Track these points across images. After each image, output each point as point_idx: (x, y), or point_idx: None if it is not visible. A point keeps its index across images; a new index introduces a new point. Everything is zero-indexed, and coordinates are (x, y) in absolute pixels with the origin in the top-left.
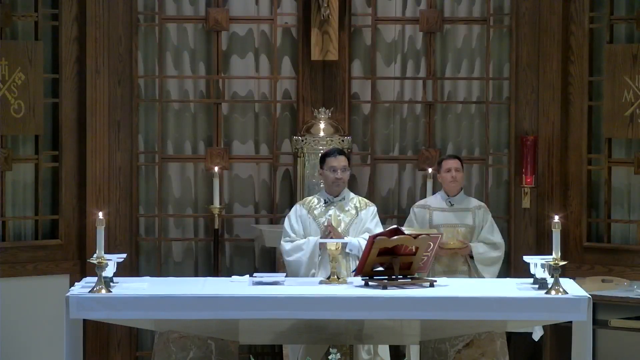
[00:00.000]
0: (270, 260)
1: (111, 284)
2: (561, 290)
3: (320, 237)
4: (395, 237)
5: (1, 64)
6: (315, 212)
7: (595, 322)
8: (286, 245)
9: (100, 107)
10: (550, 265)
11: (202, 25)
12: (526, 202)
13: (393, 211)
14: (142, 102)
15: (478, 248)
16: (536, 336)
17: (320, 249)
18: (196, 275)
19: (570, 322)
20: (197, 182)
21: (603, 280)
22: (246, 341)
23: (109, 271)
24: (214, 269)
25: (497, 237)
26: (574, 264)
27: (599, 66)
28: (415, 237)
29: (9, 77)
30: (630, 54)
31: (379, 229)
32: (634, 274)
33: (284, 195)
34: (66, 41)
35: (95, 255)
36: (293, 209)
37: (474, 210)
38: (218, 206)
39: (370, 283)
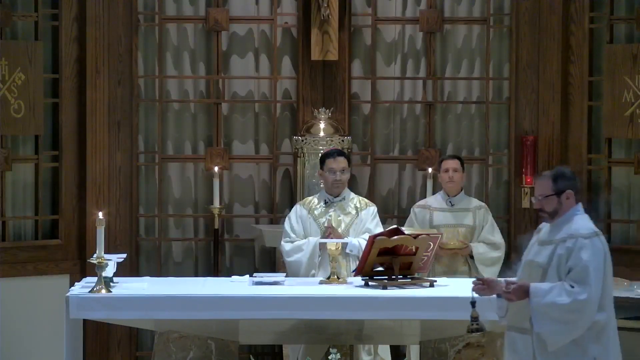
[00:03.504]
0: (270, 260)
1: (111, 284)
2: None
3: (321, 238)
4: (395, 237)
5: (1, 64)
6: (316, 212)
7: None
8: (286, 246)
9: (100, 107)
10: None
11: (202, 25)
12: (526, 202)
13: (393, 211)
14: (142, 102)
15: (478, 248)
16: None
17: (320, 249)
18: (196, 275)
19: None
20: (197, 182)
21: None
22: (246, 341)
23: (109, 271)
24: (214, 269)
25: (498, 238)
26: None
27: (599, 66)
28: (415, 237)
29: (9, 77)
30: (630, 54)
31: (379, 229)
32: (634, 274)
33: (284, 195)
34: (66, 41)
35: (95, 255)
36: (293, 209)
37: (474, 210)
38: (218, 206)
39: (370, 283)
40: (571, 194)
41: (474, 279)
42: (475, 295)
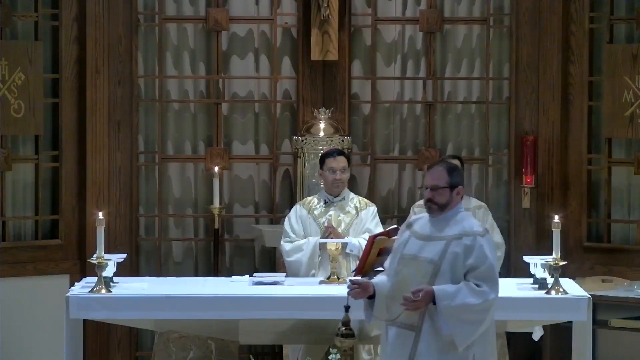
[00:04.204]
0: (270, 260)
1: (111, 284)
2: (561, 290)
3: (321, 238)
4: (395, 237)
5: (1, 64)
6: (316, 212)
7: (595, 322)
8: (286, 246)
9: (100, 107)
10: (550, 265)
11: (202, 25)
12: (526, 202)
13: (393, 211)
14: (142, 102)
15: None
16: (536, 336)
17: (320, 249)
18: (196, 275)
19: (570, 322)
20: (197, 182)
21: (603, 280)
22: (246, 341)
23: (109, 271)
24: (214, 269)
25: (498, 237)
26: (574, 264)
27: (599, 66)
28: None
29: (9, 77)
30: (630, 54)
31: (379, 229)
32: (634, 274)
33: (284, 195)
34: (66, 41)
35: (95, 255)
36: (293, 209)
37: (474, 210)
38: (218, 206)
39: None
40: (462, 189)
41: (348, 283)
42: (351, 298)
